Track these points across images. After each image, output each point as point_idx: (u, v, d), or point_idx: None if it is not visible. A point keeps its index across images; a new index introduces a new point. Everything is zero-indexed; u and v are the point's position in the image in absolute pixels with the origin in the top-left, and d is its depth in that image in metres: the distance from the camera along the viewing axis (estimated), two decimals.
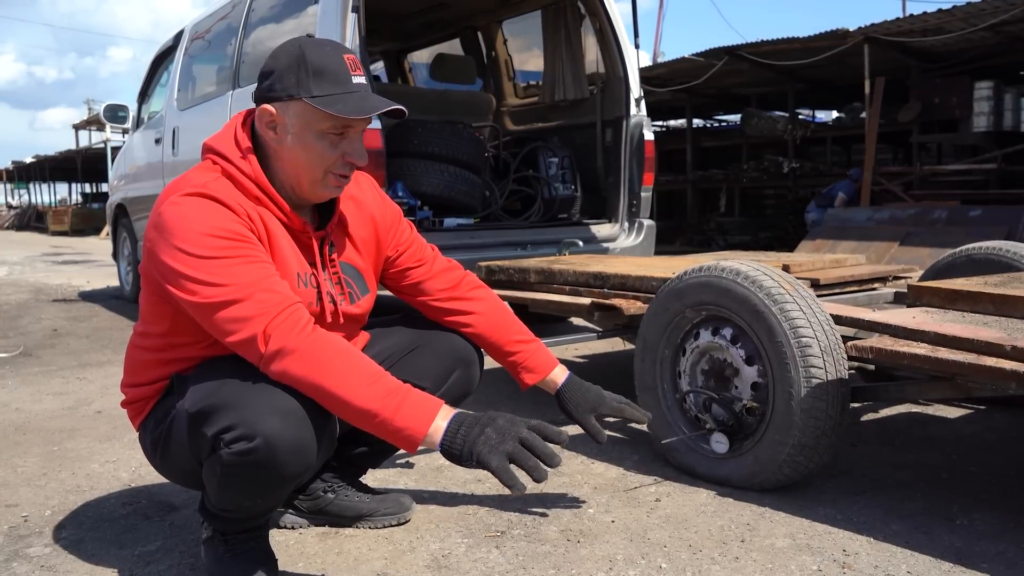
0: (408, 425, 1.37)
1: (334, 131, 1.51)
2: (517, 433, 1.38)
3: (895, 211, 8.01)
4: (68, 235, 22.08)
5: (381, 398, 1.38)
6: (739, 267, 2.08)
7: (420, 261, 1.83)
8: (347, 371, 1.39)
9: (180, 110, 5.23)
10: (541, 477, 1.36)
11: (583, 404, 1.84)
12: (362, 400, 1.37)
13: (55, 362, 4.07)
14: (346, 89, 1.50)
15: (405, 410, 1.38)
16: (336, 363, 1.39)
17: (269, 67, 1.52)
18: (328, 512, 1.89)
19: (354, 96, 1.50)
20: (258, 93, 1.53)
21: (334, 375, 1.38)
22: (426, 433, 1.38)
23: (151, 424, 1.58)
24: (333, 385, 1.38)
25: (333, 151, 1.53)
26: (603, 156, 4.44)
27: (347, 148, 1.54)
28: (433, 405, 1.41)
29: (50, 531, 1.94)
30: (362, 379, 1.39)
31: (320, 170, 1.53)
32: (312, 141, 1.51)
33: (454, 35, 5.63)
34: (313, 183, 1.55)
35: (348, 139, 1.54)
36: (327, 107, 1.48)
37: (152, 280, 1.50)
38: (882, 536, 1.80)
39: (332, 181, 1.56)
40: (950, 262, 2.77)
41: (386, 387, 1.39)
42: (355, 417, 1.39)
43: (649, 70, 10.58)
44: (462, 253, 3.41)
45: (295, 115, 1.50)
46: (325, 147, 1.52)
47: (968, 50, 8.68)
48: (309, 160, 1.52)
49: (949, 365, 1.71)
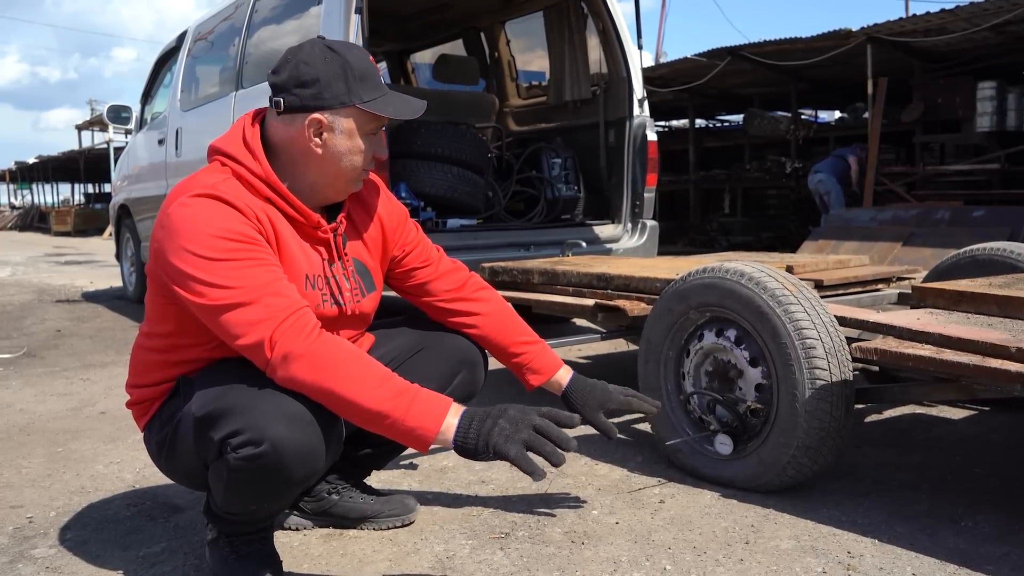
0: (420, 424, 1.37)
1: (373, 131, 1.59)
2: (530, 421, 1.39)
3: (898, 211, 8.00)
4: (71, 236, 22.10)
5: (391, 399, 1.38)
6: (743, 268, 2.08)
7: (426, 261, 1.83)
8: (355, 374, 1.39)
9: (183, 111, 5.23)
10: (559, 461, 1.37)
11: (590, 402, 1.84)
12: (372, 402, 1.37)
13: (59, 363, 4.07)
14: (383, 91, 1.57)
15: (416, 410, 1.38)
16: (344, 366, 1.39)
17: (310, 75, 1.51)
18: (332, 513, 1.90)
19: (392, 97, 1.58)
20: (298, 101, 1.52)
21: (342, 378, 1.38)
22: (438, 431, 1.38)
23: (156, 426, 1.58)
24: (342, 388, 1.38)
25: (371, 150, 1.60)
26: (606, 157, 4.44)
27: (376, 145, 1.61)
28: (443, 403, 1.41)
29: (55, 532, 1.94)
30: (371, 381, 1.39)
31: (359, 169, 1.60)
32: (360, 143, 1.57)
33: (457, 36, 5.63)
34: (349, 182, 1.61)
35: (377, 137, 1.62)
36: (379, 110, 1.54)
37: (159, 281, 1.51)
38: (887, 538, 1.80)
39: (361, 179, 1.64)
40: (954, 263, 2.76)
41: (395, 388, 1.40)
42: (365, 419, 1.39)
43: (651, 70, 10.57)
44: (465, 254, 3.40)
45: (347, 120, 1.55)
46: (367, 147, 1.59)
47: (971, 50, 8.66)
48: (352, 162, 1.58)
49: (954, 367, 1.71)
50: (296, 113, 1.53)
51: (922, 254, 6.74)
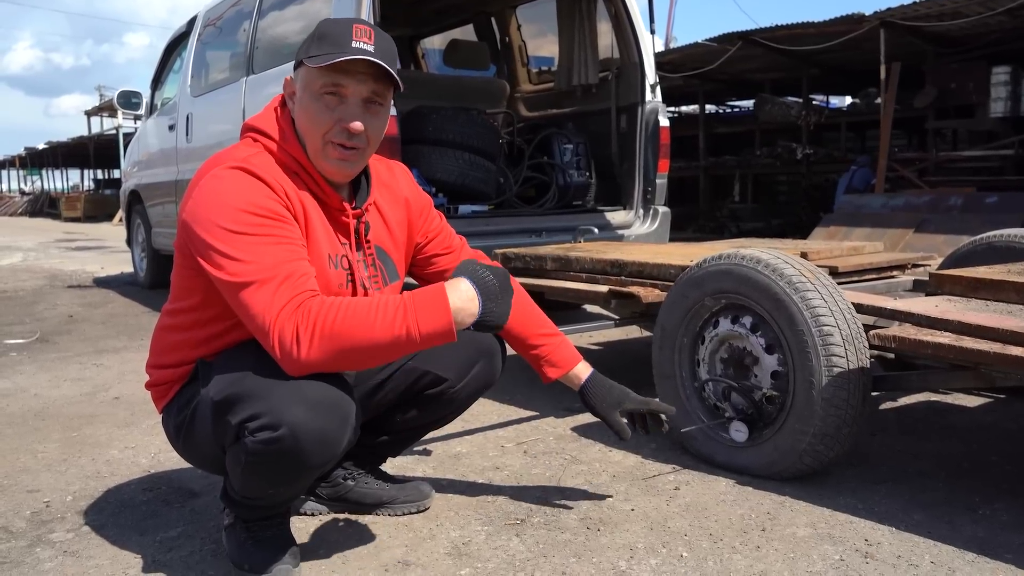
0: (434, 324, 1.39)
1: (327, 90, 1.50)
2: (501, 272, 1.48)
3: (910, 198, 7.94)
4: (81, 221, 22.18)
5: (395, 321, 1.38)
6: (759, 255, 2.07)
7: (448, 249, 1.83)
8: (352, 325, 1.37)
9: (194, 97, 5.23)
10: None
11: (608, 400, 1.84)
12: (381, 334, 1.38)
13: (71, 348, 4.09)
14: (342, 50, 1.47)
15: (422, 314, 1.39)
16: (338, 324, 1.37)
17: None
18: (348, 499, 1.90)
19: (344, 53, 1.47)
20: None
21: (344, 336, 1.37)
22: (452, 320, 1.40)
23: (175, 409, 1.59)
24: (349, 342, 1.37)
25: (328, 114, 1.51)
26: (618, 142, 4.41)
27: (342, 113, 1.52)
28: (439, 293, 1.42)
29: (72, 517, 1.95)
30: (368, 320, 1.38)
31: (319, 136, 1.52)
32: (308, 102, 1.52)
33: (468, 21, 5.59)
34: (316, 154, 1.54)
35: (345, 104, 1.52)
36: (313, 62, 1.48)
37: (186, 252, 1.51)
38: (904, 526, 1.79)
39: (332, 152, 1.53)
40: (970, 250, 2.74)
41: (391, 309, 1.39)
42: (384, 353, 1.41)
43: (662, 55, 10.50)
44: (477, 240, 3.38)
45: (300, 79, 1.54)
46: (320, 108, 1.51)
47: (985, 34, 8.58)
48: (310, 126, 1.53)
49: (973, 354, 1.70)
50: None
51: (934, 241, 6.69)
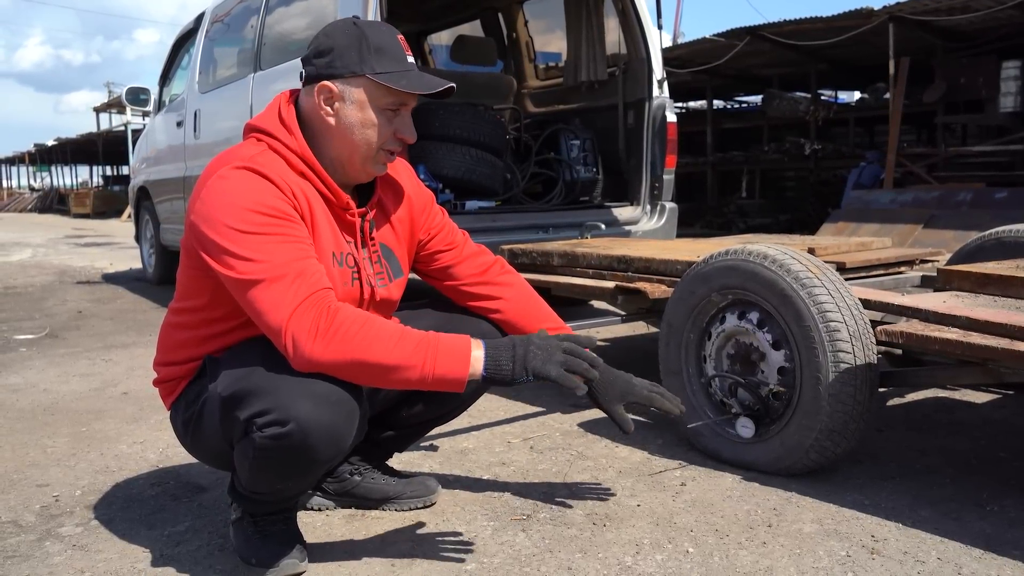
0: (450, 370, 1.41)
1: (391, 107, 1.57)
2: (559, 346, 1.46)
3: (919, 193, 7.92)
4: (90, 217, 22.27)
5: (413, 353, 1.40)
6: (766, 251, 2.06)
7: (451, 245, 1.83)
8: (371, 338, 1.39)
9: (201, 93, 5.24)
10: (595, 376, 1.46)
11: (611, 392, 1.82)
12: (396, 359, 1.39)
13: (80, 344, 4.11)
14: (404, 67, 1.55)
15: (442, 357, 1.40)
16: (359, 334, 1.39)
17: (325, 45, 1.55)
18: (355, 494, 1.90)
19: (412, 74, 1.56)
20: (314, 70, 1.56)
21: (361, 346, 1.38)
22: (469, 372, 1.42)
23: (182, 405, 1.60)
24: (363, 355, 1.38)
25: (388, 127, 1.57)
26: (625, 138, 4.41)
27: (399, 125, 1.59)
28: (465, 342, 1.44)
29: (80, 511, 1.96)
30: (389, 341, 1.40)
31: (374, 146, 1.57)
32: (373, 116, 1.56)
33: (475, 16, 5.59)
34: (366, 160, 1.59)
35: (400, 116, 1.59)
36: (392, 83, 1.52)
37: (193, 254, 1.51)
38: (911, 522, 1.79)
39: (382, 158, 1.60)
40: (979, 245, 2.73)
41: (414, 341, 1.41)
42: (394, 379, 1.41)
43: (669, 51, 10.47)
44: (484, 236, 3.39)
45: (357, 91, 1.54)
46: (383, 123, 1.56)
47: (995, 29, 8.53)
48: (365, 136, 1.56)
49: (981, 351, 1.69)
50: (314, 83, 1.55)
51: (943, 236, 6.67)
